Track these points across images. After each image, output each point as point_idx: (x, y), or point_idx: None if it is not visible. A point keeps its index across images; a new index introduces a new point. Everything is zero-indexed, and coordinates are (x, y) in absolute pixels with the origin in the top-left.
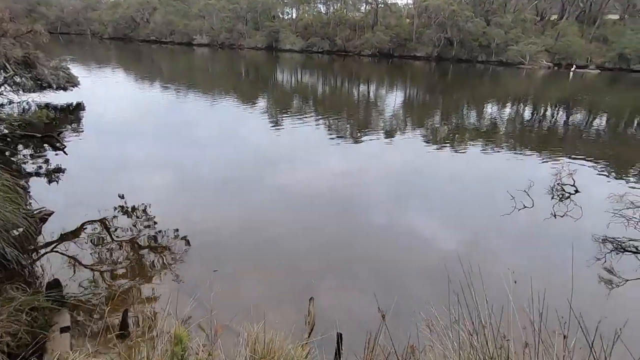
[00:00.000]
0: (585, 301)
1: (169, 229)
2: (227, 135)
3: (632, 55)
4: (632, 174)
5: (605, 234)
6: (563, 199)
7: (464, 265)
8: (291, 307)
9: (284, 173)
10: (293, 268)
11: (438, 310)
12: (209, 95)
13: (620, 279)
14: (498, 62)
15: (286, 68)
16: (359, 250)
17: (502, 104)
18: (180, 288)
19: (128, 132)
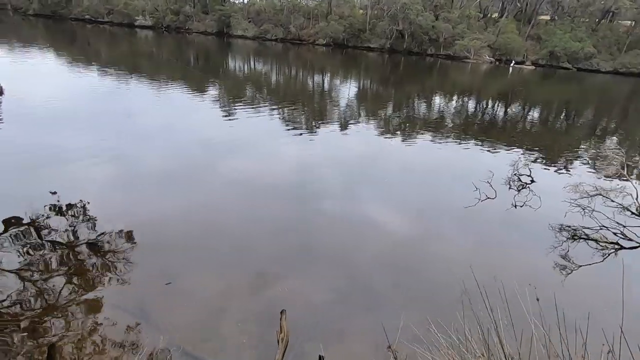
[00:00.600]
0: (544, 286)
1: (112, 228)
2: (175, 125)
3: (560, 53)
4: (561, 162)
5: (561, 223)
6: (520, 189)
7: (419, 254)
8: (255, 314)
9: (236, 164)
10: (249, 260)
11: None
12: (155, 82)
13: (574, 265)
14: (446, 56)
15: (238, 55)
16: (314, 238)
17: (449, 96)
18: (126, 296)
19: (59, 120)
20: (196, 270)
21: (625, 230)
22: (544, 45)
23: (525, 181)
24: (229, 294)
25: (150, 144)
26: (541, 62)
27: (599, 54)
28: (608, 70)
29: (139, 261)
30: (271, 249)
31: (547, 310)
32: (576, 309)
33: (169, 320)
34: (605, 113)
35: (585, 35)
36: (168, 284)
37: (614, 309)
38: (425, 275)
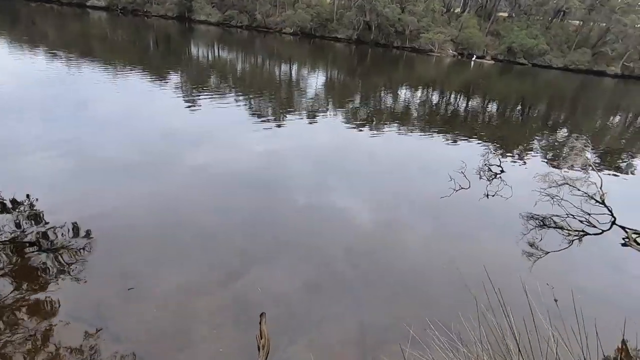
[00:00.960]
0: (514, 272)
1: (66, 223)
2: (134, 114)
3: (517, 49)
4: (525, 152)
5: (531, 212)
6: (491, 179)
7: (392, 243)
8: (231, 316)
9: (202, 155)
10: (218, 255)
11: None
12: (111, 67)
13: (542, 252)
14: (411, 49)
15: (202, 42)
16: (284, 230)
17: (415, 88)
18: (82, 296)
19: (3, 108)
20: (161, 268)
21: (590, 217)
22: (502, 41)
23: (496, 171)
24: (200, 292)
25: (107, 133)
26: (500, 57)
27: (551, 51)
28: (559, 66)
29: (97, 258)
30: (241, 242)
31: (515, 297)
32: (544, 294)
33: (133, 325)
34: (558, 106)
35: (540, 33)
36: (130, 290)
37: (578, 292)
38: (400, 265)
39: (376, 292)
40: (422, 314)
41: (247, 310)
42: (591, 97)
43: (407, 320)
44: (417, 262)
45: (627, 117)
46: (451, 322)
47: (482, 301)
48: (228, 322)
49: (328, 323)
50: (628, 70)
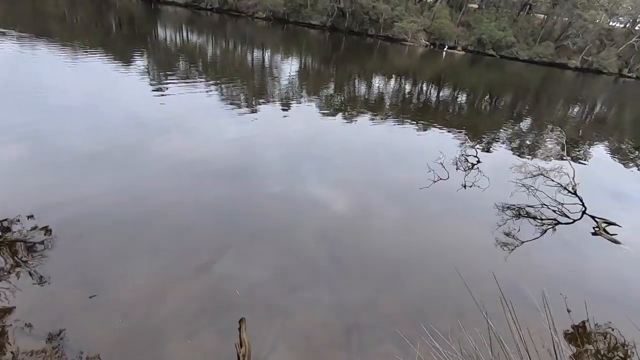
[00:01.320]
0: (488, 263)
1: (20, 216)
2: (97, 100)
3: (487, 40)
4: (484, 141)
5: (506, 202)
6: (468, 169)
7: (355, 228)
8: (207, 322)
9: (170, 143)
10: (189, 250)
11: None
12: (69, 49)
13: (517, 241)
14: (385, 37)
15: (169, 24)
16: (255, 218)
17: (388, 77)
18: (40, 295)
19: None
20: (128, 263)
21: (563, 207)
22: (472, 32)
23: (472, 162)
24: (171, 293)
25: (68, 120)
26: (470, 48)
27: (518, 43)
28: (525, 58)
29: (56, 253)
30: (213, 232)
31: (488, 285)
32: (520, 283)
33: (97, 334)
34: (523, 97)
35: (507, 25)
36: (92, 297)
37: (551, 280)
38: (376, 253)
39: (351, 279)
40: (400, 305)
41: (224, 311)
42: (554, 89)
43: (385, 311)
44: (392, 251)
45: (585, 108)
46: (423, 307)
47: (455, 288)
48: (205, 330)
49: (305, 309)
50: (587, 63)
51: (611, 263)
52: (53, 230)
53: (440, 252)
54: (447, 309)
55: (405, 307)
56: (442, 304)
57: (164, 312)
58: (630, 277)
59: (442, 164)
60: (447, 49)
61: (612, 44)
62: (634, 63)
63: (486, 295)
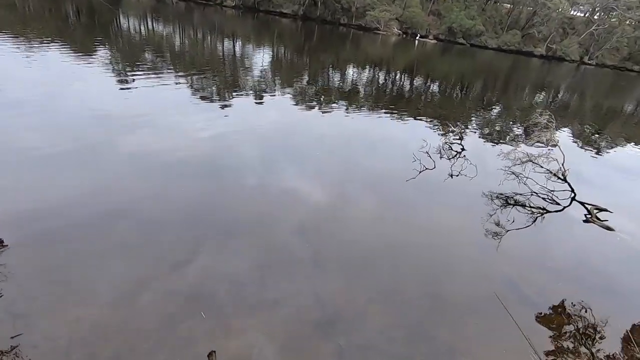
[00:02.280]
0: (480, 253)
1: None
2: (56, 95)
3: (457, 29)
4: (463, 128)
5: (495, 190)
6: (453, 158)
7: (331, 222)
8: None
9: (138, 140)
10: (161, 250)
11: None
12: (21, 42)
13: (505, 230)
14: (358, 26)
15: (132, 13)
16: (231, 213)
17: (362, 67)
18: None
19: None
20: (96, 270)
21: (553, 195)
22: (443, 21)
23: (456, 150)
24: (146, 293)
25: (24, 118)
26: (441, 37)
27: (487, 32)
28: (493, 47)
29: (13, 263)
30: (186, 230)
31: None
32: (510, 273)
33: (63, 338)
34: (495, 85)
35: (477, 14)
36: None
37: (541, 270)
38: (360, 245)
39: (330, 270)
40: (384, 302)
41: (203, 309)
42: (521, 76)
43: (363, 300)
44: (377, 243)
45: (550, 94)
46: (406, 301)
47: (445, 280)
48: (183, 327)
49: (284, 303)
50: (551, 51)
51: (607, 251)
52: (8, 241)
53: (428, 244)
54: (435, 305)
55: (393, 309)
56: (426, 293)
57: (140, 310)
58: (630, 266)
59: (428, 152)
60: (419, 38)
61: (574, 32)
62: (593, 51)
63: (475, 285)
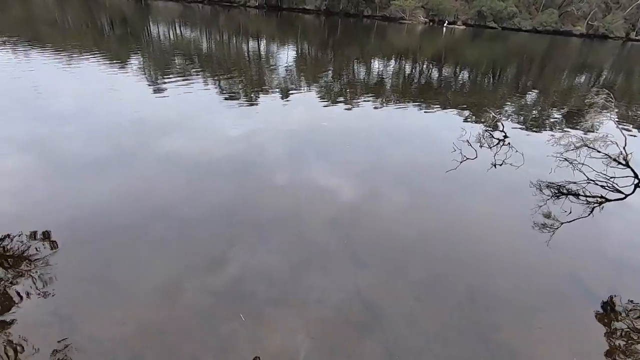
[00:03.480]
0: (530, 248)
1: (23, 230)
2: (96, 103)
3: (487, 13)
4: (486, 117)
5: (545, 179)
6: (495, 146)
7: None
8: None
9: (172, 141)
10: (197, 243)
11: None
12: (63, 54)
13: (559, 222)
14: (382, 17)
15: (161, 20)
16: (263, 210)
17: (388, 58)
18: (47, 313)
19: None
20: (136, 268)
21: (613, 182)
22: (472, 5)
23: (498, 137)
24: (185, 291)
25: (68, 126)
26: (471, 22)
27: (520, 13)
28: (528, 28)
29: (63, 263)
30: (222, 228)
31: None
32: (562, 268)
33: (109, 340)
34: (531, 68)
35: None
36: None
37: (599, 264)
38: (399, 241)
39: (369, 266)
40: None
41: (243, 305)
42: (559, 58)
43: (409, 298)
44: (418, 237)
45: (592, 75)
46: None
47: (495, 277)
48: (224, 324)
49: (326, 301)
50: (592, 29)
51: None
52: (59, 239)
53: (474, 238)
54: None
55: (443, 308)
56: (467, 288)
57: (181, 308)
58: None
59: (469, 141)
60: (447, 25)
61: (618, 7)
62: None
63: (530, 282)
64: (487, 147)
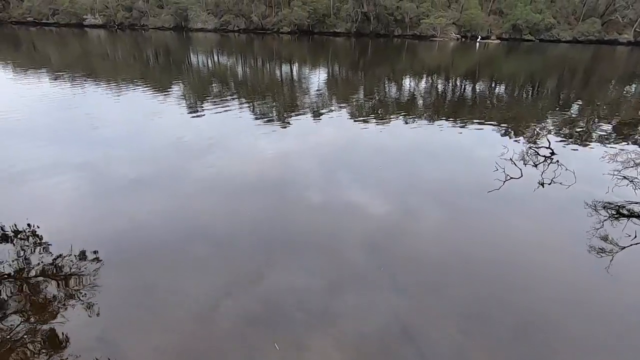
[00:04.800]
0: (588, 276)
1: (72, 247)
2: (139, 129)
3: (523, 26)
4: (528, 133)
5: (600, 199)
6: (538, 164)
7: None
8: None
9: (209, 163)
10: (234, 262)
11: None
12: (113, 85)
13: (619, 247)
14: (413, 36)
15: (200, 50)
16: (298, 230)
17: (418, 76)
18: (93, 326)
19: (13, 135)
20: (178, 282)
21: None
22: (506, 19)
23: (544, 154)
24: (223, 309)
25: (115, 151)
26: (505, 36)
27: (558, 24)
28: (568, 39)
29: (108, 282)
30: (258, 247)
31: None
32: (627, 298)
33: (150, 356)
34: (573, 80)
35: (545, 7)
36: (146, 313)
37: None
38: (436, 266)
39: (405, 289)
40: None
41: (279, 324)
42: (604, 68)
43: (451, 325)
44: (456, 260)
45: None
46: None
47: (544, 306)
48: (261, 343)
49: (358, 316)
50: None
51: None
52: (105, 257)
53: (520, 263)
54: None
55: (489, 339)
56: (512, 317)
57: (219, 336)
58: None
59: (512, 159)
60: (480, 40)
61: None
62: None
63: (587, 315)
64: (532, 165)
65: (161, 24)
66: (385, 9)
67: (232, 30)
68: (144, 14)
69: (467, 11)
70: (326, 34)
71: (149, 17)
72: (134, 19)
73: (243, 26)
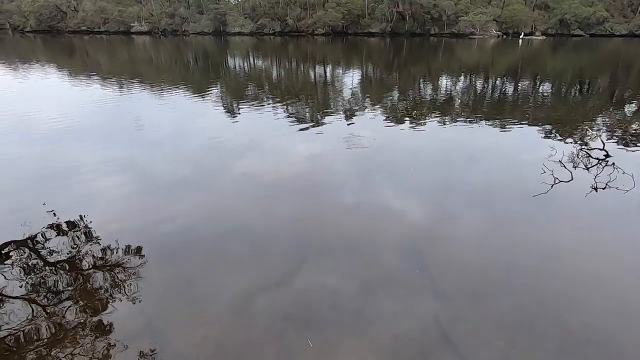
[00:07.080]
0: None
1: (121, 242)
2: (180, 130)
3: (571, 20)
4: (577, 134)
5: None
6: (591, 167)
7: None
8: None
9: (246, 163)
10: (270, 259)
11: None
12: (157, 88)
13: None
14: (450, 34)
15: (237, 53)
16: (333, 230)
17: (456, 76)
18: (138, 316)
19: (67, 136)
20: (217, 278)
21: None
22: (552, 13)
23: (598, 156)
24: (257, 306)
25: (159, 151)
26: (551, 32)
27: (611, 17)
28: (623, 33)
29: (151, 275)
30: (292, 246)
31: None
32: None
33: (192, 345)
34: (629, 77)
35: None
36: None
37: None
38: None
39: (443, 295)
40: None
41: (311, 324)
42: None
43: (489, 336)
44: (500, 267)
45: None
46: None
47: (597, 317)
48: (292, 341)
49: (393, 320)
50: None
51: None
52: (149, 251)
53: (571, 269)
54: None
55: (539, 352)
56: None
57: (257, 332)
58: None
59: (562, 162)
60: (524, 36)
61: None
62: None
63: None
64: (583, 168)
65: (201, 29)
66: (421, 7)
67: (268, 34)
68: (185, 20)
69: (509, 7)
70: (360, 35)
71: (190, 23)
72: (176, 25)
73: (278, 29)
